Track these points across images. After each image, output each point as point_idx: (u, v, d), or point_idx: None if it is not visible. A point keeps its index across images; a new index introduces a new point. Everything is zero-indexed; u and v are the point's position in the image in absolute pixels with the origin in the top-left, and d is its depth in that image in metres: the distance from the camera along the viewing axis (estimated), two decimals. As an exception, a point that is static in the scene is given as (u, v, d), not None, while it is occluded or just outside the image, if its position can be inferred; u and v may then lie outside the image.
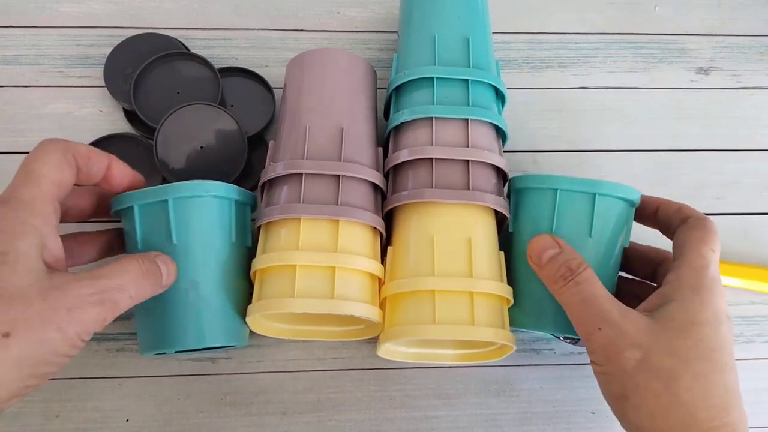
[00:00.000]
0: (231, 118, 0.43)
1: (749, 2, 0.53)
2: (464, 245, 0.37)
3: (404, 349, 0.40)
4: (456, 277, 0.36)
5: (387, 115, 0.44)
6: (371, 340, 0.42)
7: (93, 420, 0.40)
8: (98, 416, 0.40)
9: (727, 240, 0.46)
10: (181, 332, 0.35)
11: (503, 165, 0.40)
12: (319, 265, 0.36)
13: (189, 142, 0.42)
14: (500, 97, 0.43)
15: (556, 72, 0.50)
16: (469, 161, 0.38)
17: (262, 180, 0.39)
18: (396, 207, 0.39)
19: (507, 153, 0.42)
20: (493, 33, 0.47)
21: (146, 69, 0.45)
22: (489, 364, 0.42)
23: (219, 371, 0.41)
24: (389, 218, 0.41)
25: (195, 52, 0.47)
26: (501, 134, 0.42)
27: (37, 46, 0.48)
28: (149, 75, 0.45)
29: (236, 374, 0.41)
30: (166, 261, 0.34)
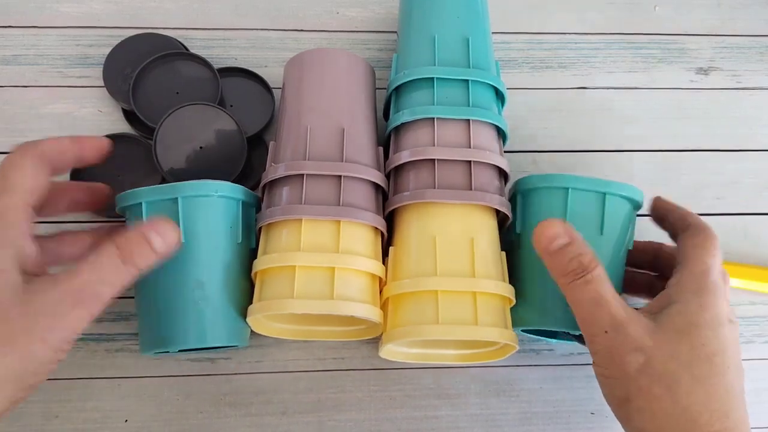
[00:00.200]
0: (230, 118, 0.43)
1: (749, 2, 0.53)
2: (466, 245, 0.37)
3: (406, 350, 0.40)
4: (458, 277, 0.36)
5: (386, 116, 0.44)
6: (372, 341, 0.41)
7: (92, 420, 0.40)
8: (98, 416, 0.40)
9: (727, 240, 0.46)
10: (183, 331, 0.36)
11: (505, 165, 0.40)
12: (319, 266, 0.36)
13: (188, 142, 0.42)
14: (500, 98, 0.43)
15: (556, 72, 0.50)
16: (471, 162, 0.38)
17: (264, 181, 0.39)
18: (398, 207, 0.39)
19: (506, 153, 0.42)
20: (493, 33, 0.47)
21: (145, 69, 0.44)
22: (489, 365, 0.42)
23: (219, 371, 0.41)
24: (391, 218, 0.41)
25: (194, 52, 0.47)
26: (501, 134, 0.42)
27: (37, 46, 0.48)
28: (148, 75, 0.45)
29: (236, 374, 0.41)
30: (161, 229, 0.33)
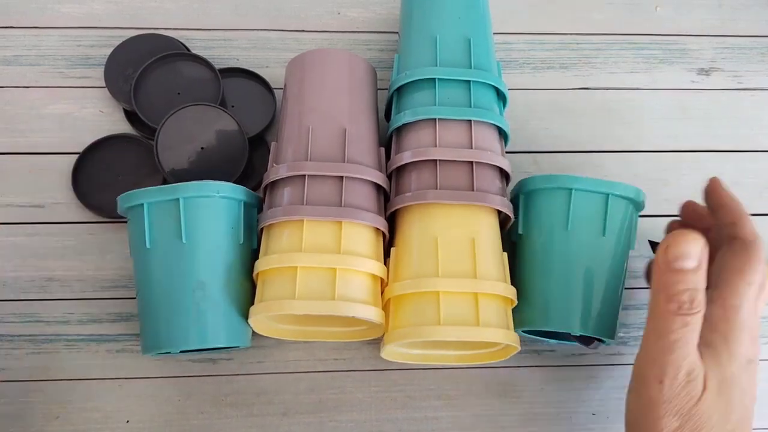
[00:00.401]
0: (231, 119, 0.43)
1: (750, 3, 0.53)
2: (468, 246, 0.37)
3: (407, 351, 0.40)
4: (460, 278, 0.36)
5: (388, 117, 0.44)
6: (373, 341, 0.41)
7: (93, 421, 0.40)
8: (99, 417, 0.40)
9: (729, 241, 0.46)
10: (185, 332, 0.36)
11: (506, 166, 0.40)
12: (321, 267, 0.36)
13: (189, 143, 0.42)
14: (501, 98, 0.43)
15: (557, 73, 0.50)
16: (473, 162, 0.38)
17: (265, 182, 0.39)
18: (399, 208, 0.39)
19: (507, 154, 0.42)
20: (494, 33, 0.47)
21: (147, 70, 0.44)
22: (491, 365, 0.42)
23: (220, 372, 0.41)
24: (392, 219, 0.41)
25: (195, 53, 0.47)
26: (503, 135, 0.42)
27: (38, 47, 0.48)
28: (150, 76, 0.45)
29: (237, 375, 0.41)
30: None
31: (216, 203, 0.37)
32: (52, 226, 0.43)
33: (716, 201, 0.37)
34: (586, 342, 0.40)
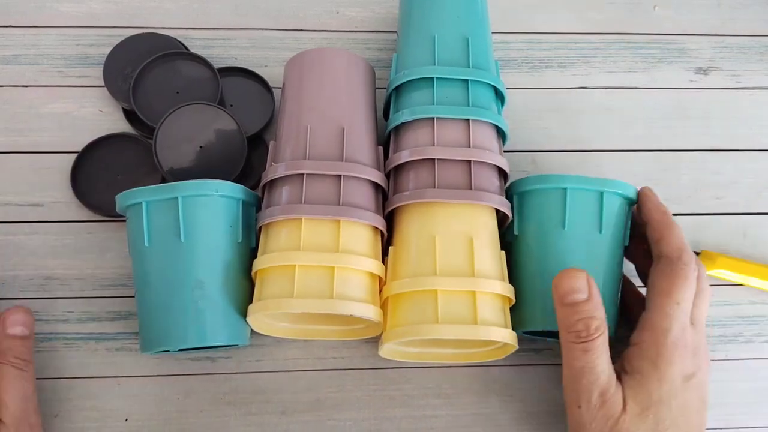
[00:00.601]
0: (230, 118, 0.43)
1: (749, 2, 0.53)
2: (466, 245, 0.37)
3: (405, 349, 0.40)
4: (458, 277, 0.36)
5: (386, 115, 0.44)
6: (371, 340, 0.42)
7: (92, 419, 0.40)
8: (97, 415, 0.40)
9: (727, 240, 0.46)
10: (183, 330, 0.36)
11: (504, 165, 0.40)
12: (319, 265, 0.36)
13: (188, 142, 0.42)
14: (500, 97, 0.43)
15: (556, 72, 0.50)
16: (471, 161, 0.38)
17: (264, 181, 0.39)
18: (397, 207, 0.39)
19: (506, 153, 0.42)
20: (493, 33, 0.47)
21: (146, 69, 0.44)
22: (489, 364, 0.42)
23: (218, 370, 0.41)
24: (390, 218, 0.41)
25: (194, 52, 0.47)
26: (501, 134, 0.42)
27: (37, 46, 0.48)
28: (149, 75, 0.45)
29: (236, 373, 0.41)
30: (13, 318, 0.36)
31: (215, 202, 0.37)
32: (51, 225, 0.43)
33: (643, 217, 0.38)
34: None
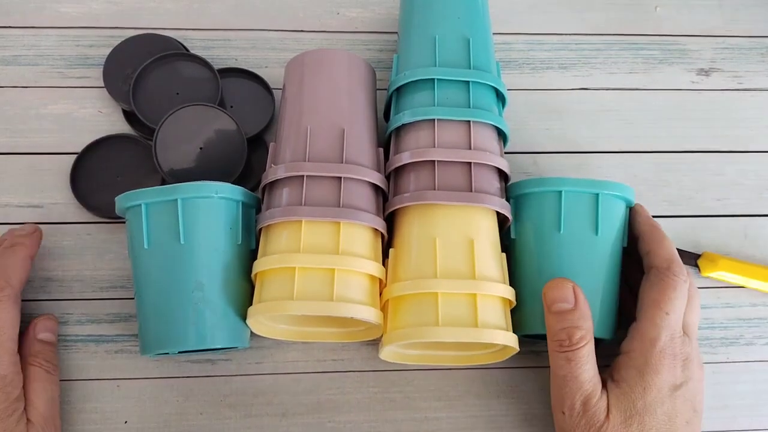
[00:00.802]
0: (230, 119, 0.43)
1: (750, 3, 0.53)
2: (467, 247, 0.37)
3: (406, 352, 0.40)
4: (459, 279, 0.36)
5: (387, 117, 0.44)
6: (372, 342, 0.41)
7: (92, 421, 0.40)
8: (97, 417, 0.40)
9: (728, 242, 0.46)
10: (183, 332, 0.36)
11: (505, 167, 0.40)
12: (319, 267, 0.36)
13: (188, 143, 0.42)
14: (501, 99, 0.43)
15: (557, 73, 0.50)
16: (472, 163, 0.38)
17: (264, 182, 0.39)
18: (398, 209, 0.39)
19: (507, 154, 0.42)
20: (494, 34, 0.47)
21: (145, 70, 0.44)
22: (490, 366, 0.42)
23: (218, 373, 0.41)
24: (391, 220, 0.40)
25: (194, 53, 0.47)
26: (502, 136, 0.42)
27: (37, 47, 0.48)
28: (148, 76, 0.45)
29: (236, 376, 0.41)
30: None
31: (214, 204, 0.37)
32: (51, 227, 0.43)
33: (635, 231, 0.39)
34: None
